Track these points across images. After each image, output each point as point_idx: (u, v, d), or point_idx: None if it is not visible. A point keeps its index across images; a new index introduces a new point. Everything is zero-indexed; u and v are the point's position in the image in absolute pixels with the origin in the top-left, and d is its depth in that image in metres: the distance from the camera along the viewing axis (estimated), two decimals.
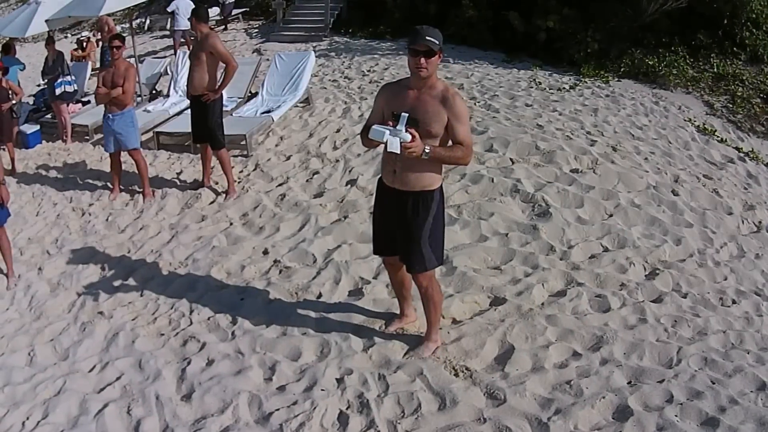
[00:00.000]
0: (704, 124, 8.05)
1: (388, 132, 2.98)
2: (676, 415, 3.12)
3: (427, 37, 3.03)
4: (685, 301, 4.26)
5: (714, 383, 3.36)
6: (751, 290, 4.51)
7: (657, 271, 4.58)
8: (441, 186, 3.39)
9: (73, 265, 5.24)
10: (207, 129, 5.99)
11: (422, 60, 3.07)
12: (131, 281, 4.87)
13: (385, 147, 3.10)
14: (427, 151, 3.08)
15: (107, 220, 6.04)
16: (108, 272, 5.08)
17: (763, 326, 4.00)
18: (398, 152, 3.01)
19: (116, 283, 4.86)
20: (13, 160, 7.68)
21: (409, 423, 3.18)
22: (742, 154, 7.48)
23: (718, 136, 7.79)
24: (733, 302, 4.32)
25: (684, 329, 3.92)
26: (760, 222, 5.62)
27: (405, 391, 3.36)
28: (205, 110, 5.93)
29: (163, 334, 4.17)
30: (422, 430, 3.12)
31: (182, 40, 12.45)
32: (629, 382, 3.41)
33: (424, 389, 3.39)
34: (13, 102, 8.13)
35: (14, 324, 4.56)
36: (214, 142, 6.04)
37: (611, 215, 5.32)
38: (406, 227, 3.37)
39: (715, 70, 9.37)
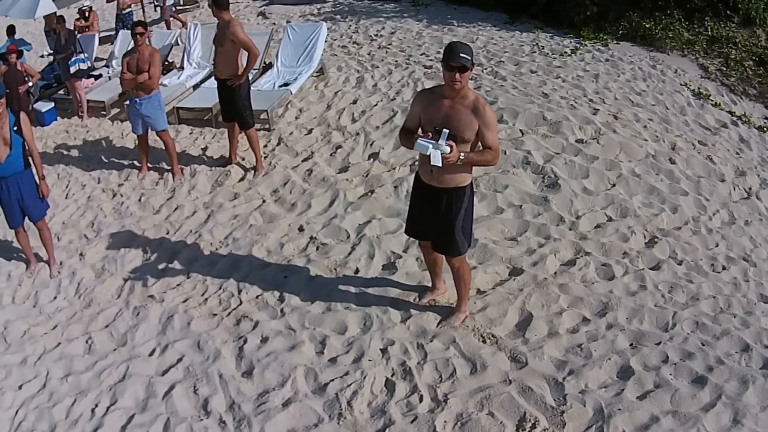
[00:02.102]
0: (699, 88, 8.34)
1: (431, 146, 3.36)
2: (670, 374, 3.58)
3: (461, 54, 3.38)
4: (680, 268, 4.70)
5: (704, 345, 3.80)
6: (740, 256, 4.89)
7: (655, 239, 5.01)
8: (471, 182, 3.80)
9: (114, 249, 5.54)
10: (235, 110, 6.28)
11: (457, 75, 3.42)
12: (176, 264, 5.20)
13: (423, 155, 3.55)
14: (461, 157, 3.47)
15: (140, 200, 6.34)
16: (151, 255, 5.40)
17: (749, 291, 4.45)
18: (439, 165, 3.39)
19: (161, 266, 5.19)
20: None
21: (446, 386, 3.64)
22: (734, 118, 7.81)
23: (712, 101, 8.10)
24: (723, 268, 4.72)
25: (679, 295, 4.36)
26: (750, 188, 6.01)
27: (441, 358, 3.82)
28: (232, 93, 6.20)
29: (215, 315, 4.52)
30: (458, 392, 3.57)
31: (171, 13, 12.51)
32: (631, 345, 3.88)
33: (457, 355, 3.87)
34: (30, 84, 8.29)
35: (65, 312, 4.86)
36: (243, 122, 6.33)
37: (614, 185, 5.72)
38: (441, 219, 3.79)
39: (710, 32, 9.57)
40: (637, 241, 5.01)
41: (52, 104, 8.93)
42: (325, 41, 9.83)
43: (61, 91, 9.34)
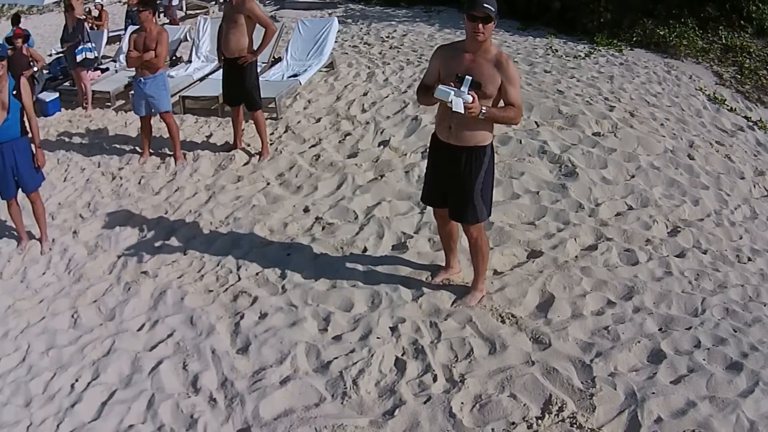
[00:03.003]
0: (714, 93, 8.05)
1: (452, 93, 3.07)
2: (704, 359, 3.26)
3: (485, 5, 3.12)
4: (705, 257, 4.37)
5: (736, 332, 3.50)
6: (765, 249, 4.57)
7: (678, 229, 4.67)
8: (492, 142, 3.46)
9: (109, 228, 5.17)
10: (244, 90, 5.96)
11: (480, 25, 3.15)
12: (173, 241, 4.83)
13: (442, 105, 3.30)
14: (483, 111, 3.20)
15: (140, 183, 5.99)
16: (147, 233, 5.03)
17: None
18: (462, 112, 3.09)
19: (157, 244, 4.82)
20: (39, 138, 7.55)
21: (463, 366, 3.24)
22: (751, 123, 7.51)
23: (727, 105, 7.80)
24: (749, 259, 4.40)
25: (706, 282, 4.03)
26: None
27: (457, 337, 3.42)
28: (242, 72, 5.89)
29: (211, 291, 4.13)
30: (476, 373, 3.18)
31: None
32: (660, 329, 3.54)
33: (474, 335, 3.47)
34: (35, 69, 8.04)
35: (53, 287, 4.50)
36: (252, 103, 6.01)
37: (633, 176, 5.38)
38: (459, 181, 3.44)
39: (723, 41, 9.32)
40: (660, 230, 4.65)
41: (57, 94, 8.63)
42: (336, 41, 9.60)
43: (67, 83, 9.10)
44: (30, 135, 4.91)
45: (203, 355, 3.52)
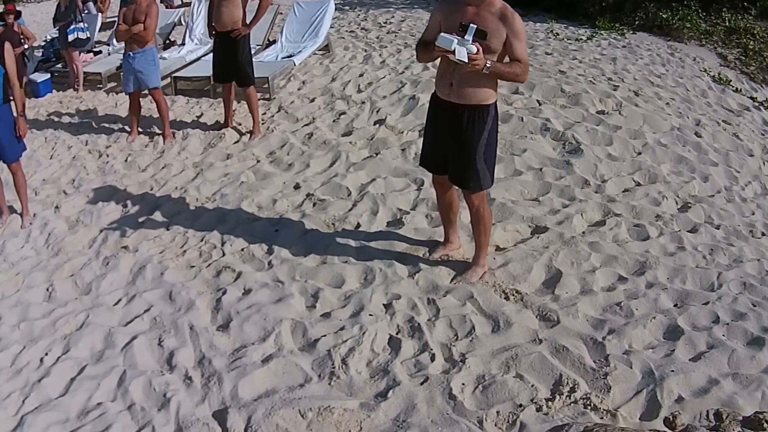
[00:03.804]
0: (719, 74, 7.71)
1: (456, 41, 2.75)
2: (723, 335, 2.96)
3: None
4: (719, 232, 4.04)
5: (755, 306, 3.19)
6: None
7: (689, 205, 4.34)
8: (496, 102, 3.13)
9: (92, 204, 4.85)
10: (236, 65, 5.63)
11: None
12: (156, 216, 4.49)
13: (443, 61, 3.01)
14: (488, 65, 2.90)
15: (126, 160, 5.64)
16: (131, 209, 4.69)
17: None
18: (465, 61, 2.77)
19: (140, 219, 4.48)
20: (23, 106, 7.23)
21: (463, 345, 2.89)
22: (756, 104, 7.17)
23: (733, 86, 7.47)
24: (763, 234, 4.08)
25: (720, 257, 3.71)
26: None
27: (457, 315, 3.07)
28: (235, 46, 5.56)
29: (193, 266, 3.80)
30: (478, 352, 2.83)
31: None
32: (675, 305, 3.23)
33: (475, 312, 3.12)
34: (25, 47, 7.70)
35: (30, 261, 4.18)
36: (244, 78, 5.68)
37: (640, 153, 5.04)
38: (460, 142, 3.10)
39: (727, 24, 8.97)
40: (670, 206, 4.31)
41: (48, 76, 8.29)
42: (333, 27, 9.27)
43: (59, 65, 8.77)
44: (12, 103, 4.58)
45: (180, 331, 3.17)
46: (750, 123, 6.49)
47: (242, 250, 3.89)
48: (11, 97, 4.63)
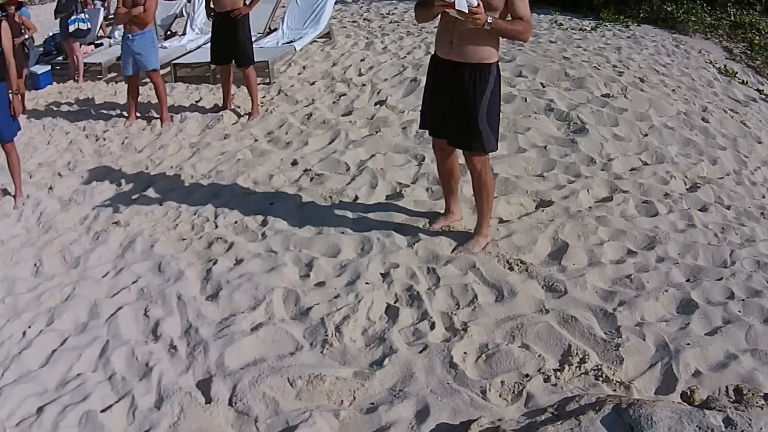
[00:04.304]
0: (725, 66, 7.50)
1: None
2: (739, 311, 2.73)
3: None
4: (729, 212, 3.81)
5: None
6: None
7: (698, 185, 4.11)
8: (498, 62, 2.92)
9: (86, 183, 4.65)
10: (236, 44, 5.45)
11: None
12: (150, 192, 4.29)
13: (443, 19, 2.88)
14: (489, 21, 2.72)
15: (123, 143, 5.45)
16: (124, 187, 4.49)
17: None
18: (466, 12, 2.56)
19: (134, 196, 4.28)
20: (22, 95, 7.02)
21: (465, 314, 2.67)
22: (763, 96, 6.94)
23: (739, 78, 7.25)
24: None
25: (732, 235, 3.47)
26: None
27: (458, 284, 2.85)
28: (235, 25, 5.40)
29: (185, 239, 3.60)
30: (481, 321, 2.61)
31: None
32: (688, 280, 3.00)
33: (478, 282, 2.89)
34: (26, 37, 7.53)
35: (20, 239, 3.97)
36: (244, 57, 5.49)
37: (646, 135, 4.83)
38: (461, 102, 2.89)
39: (732, 18, 8.77)
40: (678, 185, 4.08)
41: (49, 67, 8.11)
42: (335, 18, 9.08)
43: (60, 57, 8.59)
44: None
45: (167, 300, 2.95)
46: (757, 113, 6.26)
47: (235, 222, 3.68)
48: (6, 76, 4.42)
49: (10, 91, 4.41)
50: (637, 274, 2.97)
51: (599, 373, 2.33)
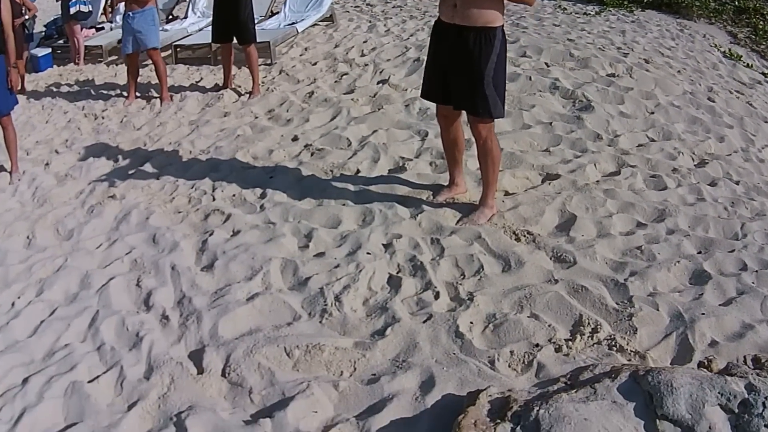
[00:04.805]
0: (729, 50, 7.30)
1: None
2: (753, 282, 2.58)
3: None
4: (738, 187, 3.64)
5: None
6: None
7: (706, 161, 3.95)
8: (503, 26, 2.75)
9: (82, 160, 4.49)
10: (237, 21, 5.29)
11: None
12: (147, 167, 4.13)
13: None
14: None
15: (121, 121, 5.28)
16: (121, 162, 4.32)
17: None
18: None
19: (130, 171, 4.12)
20: (22, 77, 6.83)
21: (471, 284, 2.51)
22: None
23: (744, 62, 7.06)
24: None
25: (742, 209, 3.30)
26: None
27: (463, 254, 2.68)
28: (237, 2, 5.22)
29: (181, 212, 3.44)
30: (488, 291, 2.44)
31: None
32: (699, 251, 2.83)
33: (483, 252, 2.73)
34: (26, 17, 7.35)
35: (14, 212, 3.84)
36: (246, 34, 5.32)
37: (652, 113, 4.65)
38: (467, 66, 2.72)
39: (736, 3, 8.56)
40: (686, 161, 3.91)
41: (49, 50, 7.94)
42: (337, 3, 8.89)
43: (61, 41, 8.41)
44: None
45: (161, 271, 2.79)
46: (763, 95, 6.07)
47: (233, 195, 3.52)
48: (4, 49, 4.26)
49: (9, 66, 4.25)
50: (648, 246, 2.80)
51: (613, 343, 2.17)
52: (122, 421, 1.97)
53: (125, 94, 5.97)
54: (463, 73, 2.76)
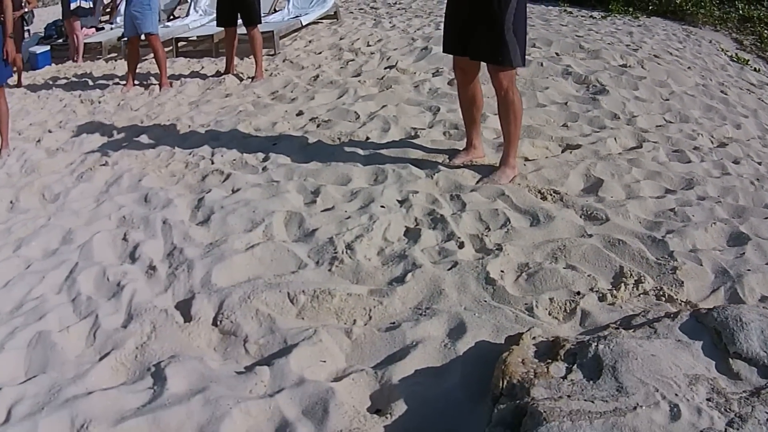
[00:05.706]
0: (736, 54, 7.19)
1: None
2: None
3: None
4: (761, 167, 3.43)
5: None
6: None
7: (725, 143, 3.75)
8: None
9: (76, 136, 4.24)
10: (242, 4, 5.09)
11: None
12: (143, 138, 3.86)
13: None
14: None
15: (119, 105, 5.02)
16: (116, 136, 4.06)
17: None
18: None
19: (124, 143, 3.85)
20: (19, 70, 6.59)
21: (498, 236, 2.23)
22: None
23: (751, 66, 6.93)
24: None
25: None
26: None
27: (487, 209, 2.41)
28: None
29: (176, 176, 3.16)
30: (517, 243, 2.17)
31: None
32: (732, 217, 2.59)
33: (508, 208, 2.48)
34: (26, 10, 7.17)
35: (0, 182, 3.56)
36: (251, 14, 5.12)
37: (667, 99, 4.45)
38: (487, 13, 2.52)
39: (741, 13, 8.50)
40: (706, 142, 3.71)
41: (48, 47, 7.73)
42: (341, 6, 8.77)
43: (60, 40, 8.22)
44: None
45: (151, 225, 2.51)
46: None
47: (234, 160, 3.25)
48: (1, 19, 4.05)
49: (6, 36, 4.04)
50: (681, 208, 2.55)
51: (661, 293, 1.90)
52: (90, 372, 1.67)
53: (123, 82, 5.76)
54: (483, 21, 2.53)
